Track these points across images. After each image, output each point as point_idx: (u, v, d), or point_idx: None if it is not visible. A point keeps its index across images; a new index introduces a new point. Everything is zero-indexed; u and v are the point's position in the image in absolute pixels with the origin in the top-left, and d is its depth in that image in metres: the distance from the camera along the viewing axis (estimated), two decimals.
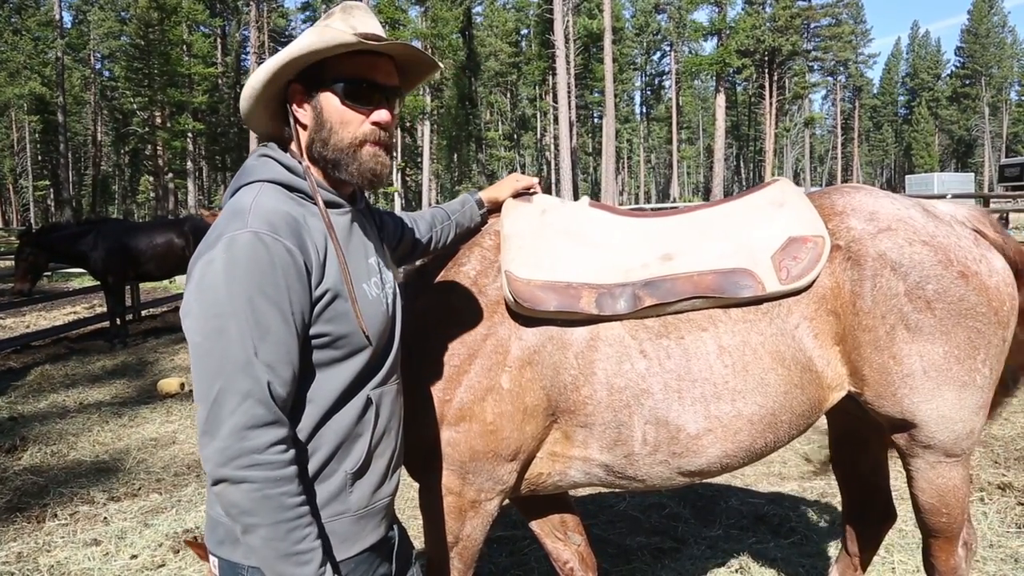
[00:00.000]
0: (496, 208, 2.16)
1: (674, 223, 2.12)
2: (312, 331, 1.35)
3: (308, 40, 1.38)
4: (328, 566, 1.30)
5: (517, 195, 2.18)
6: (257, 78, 1.40)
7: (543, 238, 2.03)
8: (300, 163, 1.45)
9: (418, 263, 2.15)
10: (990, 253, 2.05)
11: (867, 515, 2.60)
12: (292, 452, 1.28)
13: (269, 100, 1.47)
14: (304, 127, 1.46)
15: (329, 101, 1.43)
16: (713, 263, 1.97)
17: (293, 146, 1.48)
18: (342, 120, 1.43)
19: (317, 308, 1.35)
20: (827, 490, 4.05)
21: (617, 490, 2.21)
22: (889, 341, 1.95)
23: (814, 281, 1.96)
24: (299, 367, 1.32)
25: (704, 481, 4.16)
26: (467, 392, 1.91)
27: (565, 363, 1.93)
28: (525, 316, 1.94)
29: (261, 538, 1.24)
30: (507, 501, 2.14)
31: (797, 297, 1.96)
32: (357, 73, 1.43)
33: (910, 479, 2.16)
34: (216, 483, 1.24)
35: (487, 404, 1.91)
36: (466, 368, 1.92)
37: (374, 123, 1.45)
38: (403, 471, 1.71)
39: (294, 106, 1.45)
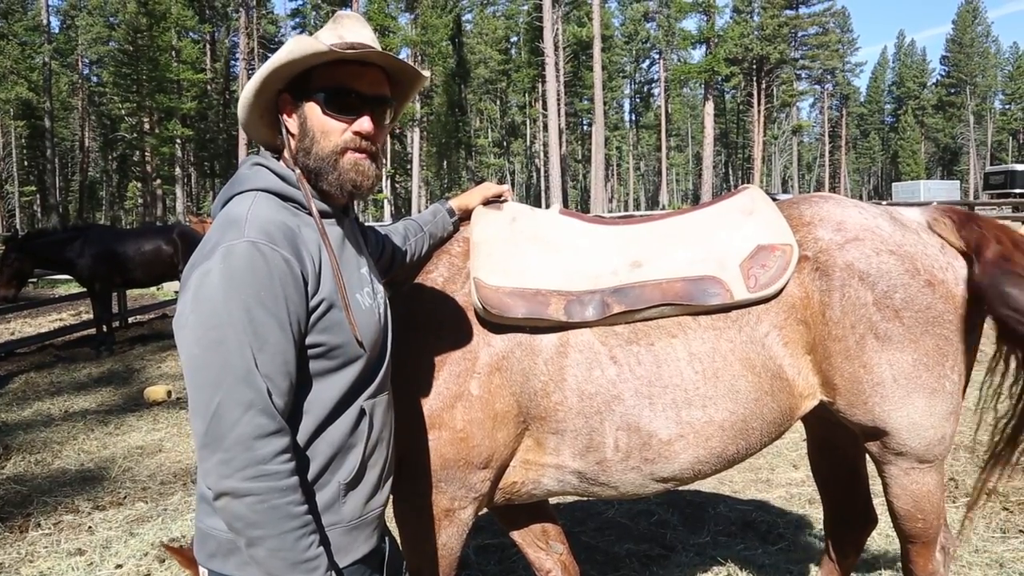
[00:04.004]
0: (467, 216, 2.16)
1: (644, 230, 2.13)
2: (308, 341, 1.35)
3: (287, 49, 1.39)
4: (332, 572, 1.31)
5: (487, 202, 2.18)
6: (249, 88, 1.42)
7: (512, 245, 2.04)
8: (293, 172, 1.45)
9: None
10: (956, 260, 2.08)
11: (847, 520, 2.62)
12: (294, 461, 1.28)
13: (264, 109, 1.48)
14: (293, 136, 1.46)
15: (312, 111, 1.44)
16: (682, 270, 1.99)
17: (286, 154, 1.48)
18: (323, 129, 1.44)
19: (313, 318, 1.35)
20: (814, 496, 4.07)
21: (594, 498, 2.22)
22: (859, 350, 1.97)
23: (782, 290, 1.98)
24: (295, 378, 1.32)
25: (691, 488, 4.18)
26: (436, 399, 1.91)
27: (535, 369, 1.94)
28: (494, 323, 1.95)
29: (268, 549, 1.24)
30: (484, 510, 2.14)
31: (766, 305, 1.98)
32: (340, 83, 1.43)
33: (885, 486, 2.18)
34: (218, 497, 1.23)
35: (456, 411, 1.91)
36: (434, 375, 1.92)
37: (355, 132, 1.44)
38: None
39: (284, 115, 1.46)
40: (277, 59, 1.39)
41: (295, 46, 1.38)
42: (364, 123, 1.45)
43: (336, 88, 1.43)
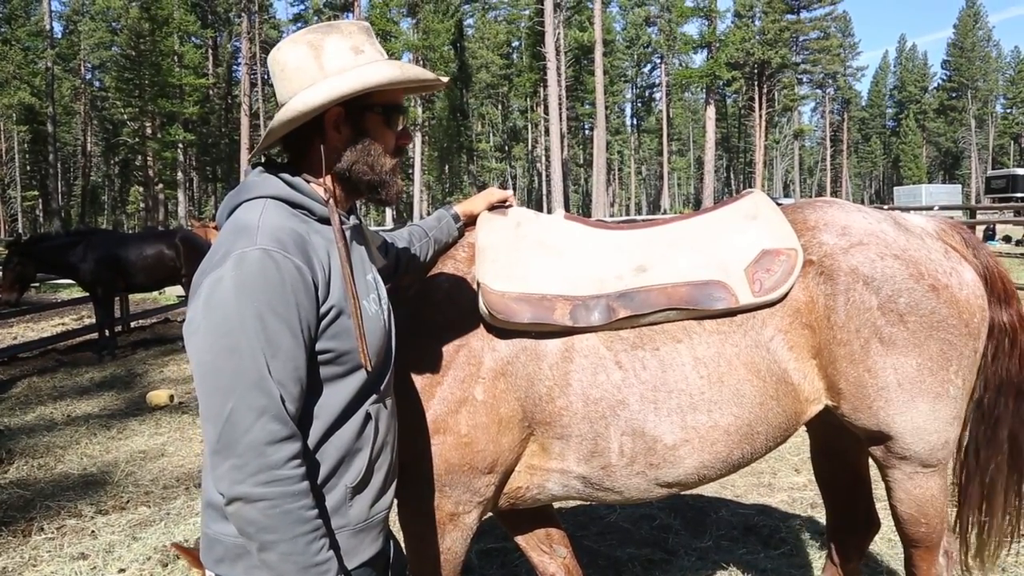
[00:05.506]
0: (472, 221, 2.17)
1: (648, 235, 2.14)
2: (317, 347, 1.36)
3: (389, 72, 1.40)
4: (341, 575, 1.33)
5: (492, 208, 2.18)
6: (319, 98, 1.36)
7: (517, 250, 2.04)
8: (309, 182, 1.46)
9: None
10: (960, 266, 2.09)
11: (850, 525, 2.62)
12: (305, 466, 1.29)
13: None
14: (335, 148, 1.45)
15: (375, 127, 1.47)
16: (686, 275, 1.99)
17: (306, 163, 1.47)
18: (385, 144, 1.48)
19: (322, 324, 1.36)
20: (816, 500, 4.07)
21: (598, 503, 2.23)
22: (864, 354, 1.97)
23: (787, 294, 1.98)
24: (306, 383, 1.33)
25: (694, 492, 4.18)
26: (440, 404, 1.91)
27: (539, 374, 1.94)
28: (499, 328, 1.95)
29: (280, 553, 1.25)
30: (488, 514, 2.15)
31: (771, 310, 1.98)
32: (396, 99, 1.50)
33: (888, 490, 2.18)
34: (230, 502, 1.24)
35: (461, 416, 1.91)
36: (439, 380, 1.92)
37: (402, 144, 1.52)
38: None
39: (330, 128, 1.44)
40: (378, 78, 1.39)
41: (402, 70, 1.41)
42: (408, 135, 1.51)
43: (394, 105, 1.49)
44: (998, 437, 2.24)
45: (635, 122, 73.52)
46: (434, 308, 2.01)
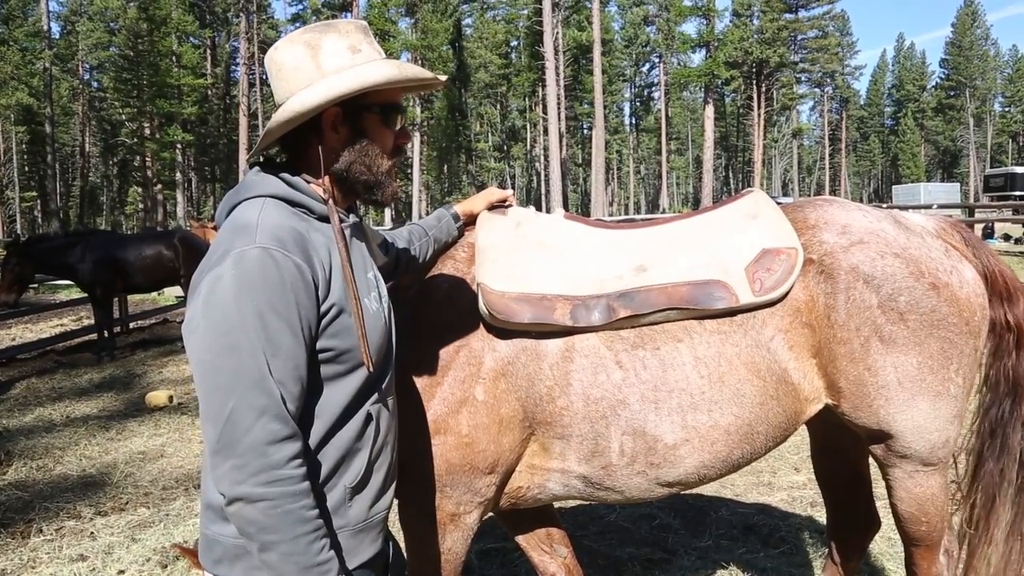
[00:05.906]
0: (472, 221, 2.16)
1: (648, 235, 2.13)
2: (318, 346, 1.35)
3: (387, 71, 1.39)
4: (342, 575, 1.32)
5: (492, 207, 2.18)
6: (316, 99, 1.36)
7: (517, 250, 2.04)
8: (309, 181, 1.45)
9: None
10: (960, 264, 2.08)
11: (850, 524, 2.62)
12: (306, 466, 1.29)
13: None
14: (333, 149, 1.45)
15: (373, 127, 1.46)
16: (687, 275, 1.99)
17: (304, 163, 1.47)
18: (383, 144, 1.48)
19: (323, 323, 1.35)
20: (816, 499, 4.07)
21: (598, 503, 2.22)
22: (864, 353, 1.97)
23: (787, 293, 1.98)
24: (307, 382, 1.32)
25: (693, 492, 4.17)
26: (441, 404, 1.91)
27: (540, 374, 1.94)
28: (499, 328, 1.94)
29: (281, 553, 1.24)
30: (489, 514, 2.14)
31: (771, 309, 1.98)
32: (394, 98, 1.49)
33: (889, 489, 2.18)
34: (231, 502, 1.24)
35: (462, 416, 1.91)
36: (439, 380, 1.92)
37: (400, 144, 1.51)
38: None
39: (327, 128, 1.43)
40: (375, 77, 1.38)
41: (399, 69, 1.41)
42: (406, 135, 1.51)
43: (392, 104, 1.48)
44: (1009, 445, 2.19)
45: (634, 121, 73.54)
46: (434, 308, 2.01)
